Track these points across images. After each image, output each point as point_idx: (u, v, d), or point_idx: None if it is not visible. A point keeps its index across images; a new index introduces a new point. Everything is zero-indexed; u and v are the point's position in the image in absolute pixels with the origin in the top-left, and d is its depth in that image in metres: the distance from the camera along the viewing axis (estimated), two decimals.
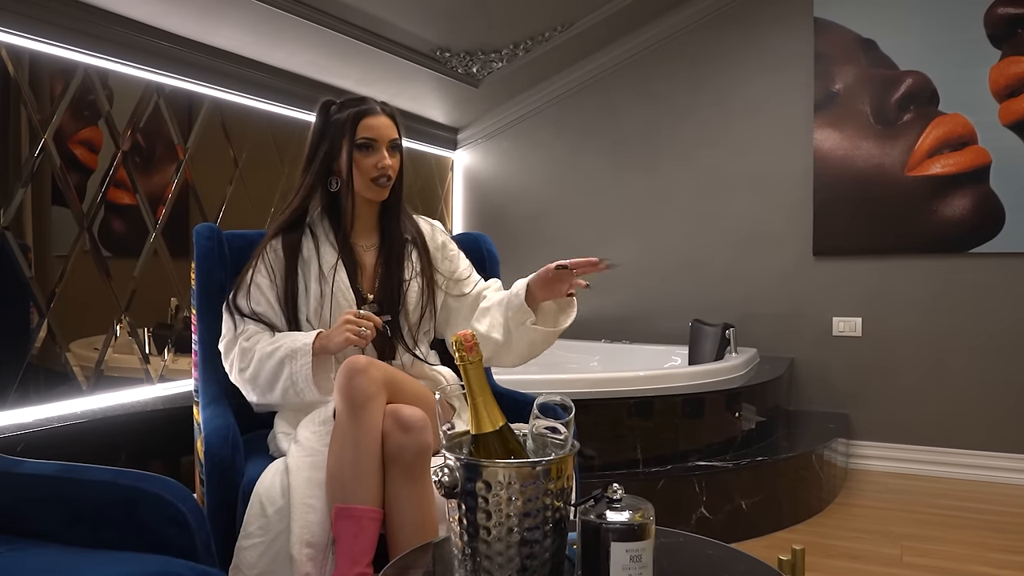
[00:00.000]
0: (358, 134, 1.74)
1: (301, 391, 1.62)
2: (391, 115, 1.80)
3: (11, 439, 1.96)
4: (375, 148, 1.75)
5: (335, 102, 1.81)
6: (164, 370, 2.70)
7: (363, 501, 1.43)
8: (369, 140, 1.74)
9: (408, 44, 3.54)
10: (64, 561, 1.14)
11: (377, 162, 1.74)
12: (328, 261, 1.76)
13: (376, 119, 1.76)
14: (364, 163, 1.74)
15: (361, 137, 1.74)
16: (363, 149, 1.74)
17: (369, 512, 1.43)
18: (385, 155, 1.75)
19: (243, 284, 1.74)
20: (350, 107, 1.77)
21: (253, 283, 1.74)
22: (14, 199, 2.21)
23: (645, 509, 1.10)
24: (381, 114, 1.77)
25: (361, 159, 1.74)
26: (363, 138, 1.74)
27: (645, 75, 4.20)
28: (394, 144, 1.79)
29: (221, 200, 3.01)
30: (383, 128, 1.76)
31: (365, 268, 1.82)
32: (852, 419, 3.72)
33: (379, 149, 1.75)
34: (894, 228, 3.62)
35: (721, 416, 2.98)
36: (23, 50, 2.26)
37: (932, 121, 3.54)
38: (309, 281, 1.76)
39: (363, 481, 1.44)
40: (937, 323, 3.59)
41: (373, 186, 1.76)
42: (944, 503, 3.15)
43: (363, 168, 1.74)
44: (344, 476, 1.45)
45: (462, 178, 4.73)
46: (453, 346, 1.15)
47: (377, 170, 1.74)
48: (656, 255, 4.18)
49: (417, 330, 1.82)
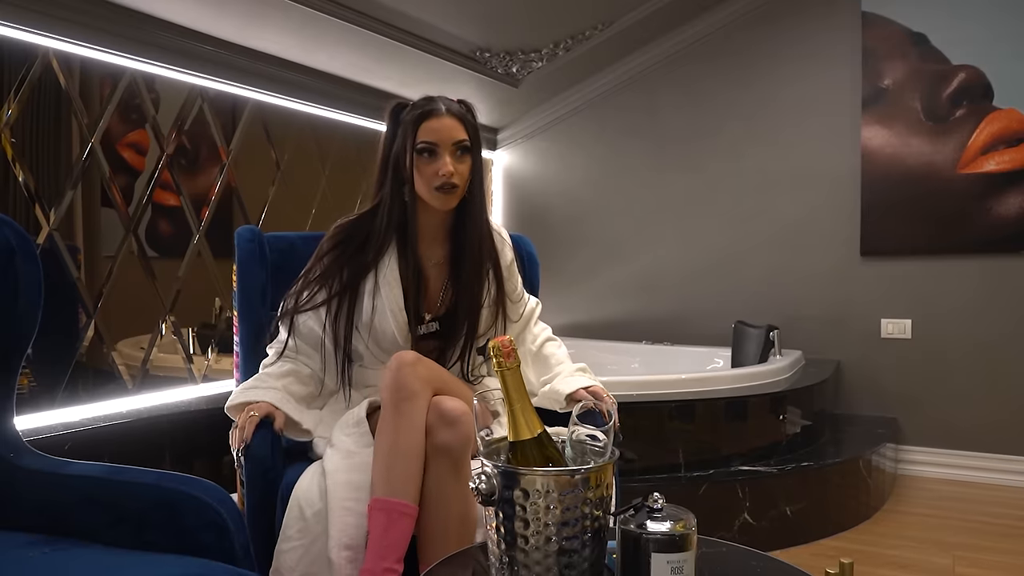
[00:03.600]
0: (418, 138, 1.61)
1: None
2: (459, 115, 1.64)
3: (58, 438, 2.01)
4: (437, 153, 1.61)
5: (406, 105, 1.68)
6: (207, 370, 2.73)
7: (398, 495, 1.42)
8: (430, 144, 1.61)
9: (448, 45, 3.54)
10: (106, 562, 1.15)
11: (438, 169, 1.60)
12: (384, 274, 1.67)
13: (438, 121, 1.61)
14: (426, 170, 1.61)
15: (421, 141, 1.61)
16: (423, 154, 1.61)
17: (401, 506, 1.41)
18: (447, 161, 1.60)
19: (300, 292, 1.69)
20: (415, 109, 1.64)
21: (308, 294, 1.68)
22: (63, 201, 2.26)
23: (687, 519, 1.07)
24: (445, 115, 1.62)
25: (423, 165, 1.62)
26: (423, 142, 1.61)
27: (687, 73, 4.14)
28: (461, 147, 1.63)
29: (263, 202, 3.04)
30: (446, 130, 1.61)
31: (430, 284, 1.72)
32: (901, 423, 3.62)
33: (441, 154, 1.61)
34: (945, 227, 3.51)
35: (765, 420, 2.93)
36: (73, 56, 2.31)
37: (986, 117, 3.43)
38: (363, 293, 1.68)
39: (399, 475, 1.43)
40: (990, 325, 3.48)
41: (437, 194, 1.62)
42: (998, 511, 3.05)
43: (425, 175, 1.62)
44: (382, 469, 1.45)
45: (502, 179, 4.72)
46: (491, 351, 1.14)
47: (439, 178, 1.60)
48: (699, 256, 4.13)
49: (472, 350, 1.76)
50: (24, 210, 2.16)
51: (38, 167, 2.20)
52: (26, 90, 2.18)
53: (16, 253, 1.36)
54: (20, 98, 2.16)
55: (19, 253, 1.36)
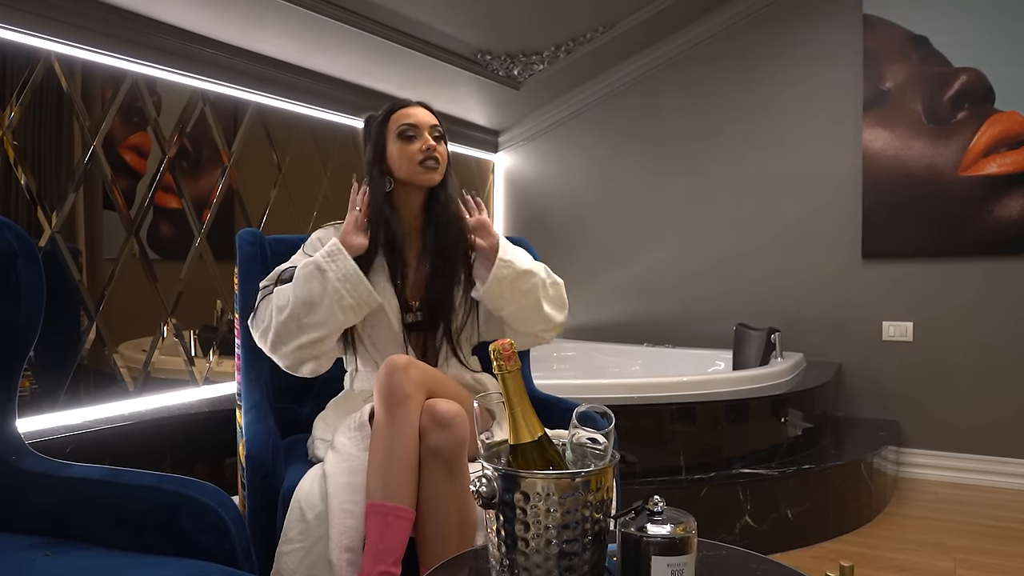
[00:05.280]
0: (397, 123, 1.74)
1: (356, 287, 1.60)
2: (428, 108, 1.79)
3: (60, 441, 2.01)
4: (417, 134, 1.73)
5: (374, 114, 1.82)
6: (209, 372, 2.74)
7: (393, 499, 1.42)
8: (409, 126, 1.73)
9: (449, 47, 3.55)
10: (107, 564, 1.15)
11: (421, 145, 1.71)
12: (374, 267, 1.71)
13: (412, 109, 1.76)
14: (408, 149, 1.72)
15: (400, 125, 1.73)
16: (405, 138, 1.72)
17: (397, 510, 1.41)
18: (428, 138, 1.73)
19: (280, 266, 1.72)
20: (386, 107, 1.78)
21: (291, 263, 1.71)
22: (65, 203, 2.26)
23: (687, 522, 1.07)
24: (416, 106, 1.77)
25: (405, 146, 1.72)
26: (402, 126, 1.73)
27: (688, 76, 4.15)
28: (437, 131, 1.76)
29: (264, 204, 3.05)
30: (421, 115, 1.75)
31: (409, 271, 1.77)
32: (903, 426, 3.62)
33: (421, 134, 1.73)
34: (947, 230, 3.51)
35: (766, 422, 2.92)
36: (75, 59, 2.31)
37: (987, 119, 3.43)
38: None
39: (394, 479, 1.43)
40: (992, 328, 3.48)
41: (421, 170, 1.72)
42: (1000, 514, 3.05)
43: (408, 154, 1.72)
44: (377, 474, 1.45)
45: (503, 181, 4.72)
46: (492, 354, 1.14)
47: (422, 152, 1.71)
48: (700, 258, 4.13)
49: (459, 336, 1.79)
50: (26, 213, 2.17)
51: (40, 170, 2.20)
52: (28, 93, 2.18)
53: (18, 256, 1.36)
54: (22, 101, 2.17)
55: (21, 256, 1.37)
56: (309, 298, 1.59)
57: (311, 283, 1.60)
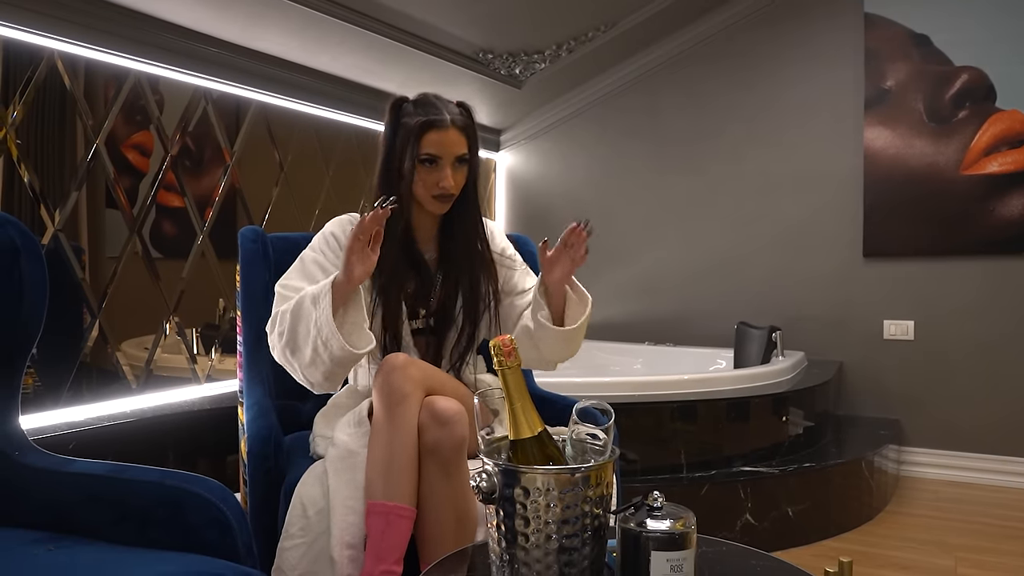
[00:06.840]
0: (422, 148, 1.62)
1: (327, 341, 1.45)
2: (462, 127, 1.66)
3: (63, 437, 2.02)
4: (439, 165, 1.64)
5: (407, 99, 1.69)
6: (211, 370, 2.74)
7: (394, 498, 1.42)
8: (432, 156, 1.63)
9: (451, 46, 3.55)
10: (109, 559, 1.16)
11: (439, 180, 1.63)
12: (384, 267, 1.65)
13: (443, 134, 1.63)
14: (427, 178, 1.64)
15: (425, 153, 1.63)
16: (426, 164, 1.64)
17: (398, 509, 1.42)
18: (448, 174, 1.63)
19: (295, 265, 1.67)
20: (419, 115, 1.64)
21: (305, 262, 1.66)
22: (68, 202, 2.27)
23: (687, 517, 1.08)
24: (450, 128, 1.63)
25: (424, 173, 1.64)
26: (426, 153, 1.63)
27: (690, 75, 4.15)
28: (461, 159, 1.66)
29: (267, 203, 3.06)
30: (449, 145, 1.63)
31: (423, 280, 1.73)
32: (904, 425, 3.62)
33: (443, 167, 1.64)
34: (948, 229, 3.51)
35: (767, 421, 2.93)
36: (78, 58, 2.32)
37: (989, 118, 3.43)
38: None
39: (394, 478, 1.43)
40: (993, 326, 3.48)
41: (434, 201, 1.66)
42: (1000, 512, 3.05)
43: (426, 183, 1.65)
44: (377, 473, 1.45)
45: (504, 179, 4.73)
46: (492, 350, 1.15)
47: (438, 188, 1.64)
48: (701, 257, 4.13)
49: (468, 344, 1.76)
50: (29, 210, 2.17)
51: (43, 168, 2.21)
52: (31, 91, 2.19)
53: (21, 253, 1.37)
54: (25, 99, 2.17)
55: (24, 253, 1.37)
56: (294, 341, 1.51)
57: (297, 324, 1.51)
